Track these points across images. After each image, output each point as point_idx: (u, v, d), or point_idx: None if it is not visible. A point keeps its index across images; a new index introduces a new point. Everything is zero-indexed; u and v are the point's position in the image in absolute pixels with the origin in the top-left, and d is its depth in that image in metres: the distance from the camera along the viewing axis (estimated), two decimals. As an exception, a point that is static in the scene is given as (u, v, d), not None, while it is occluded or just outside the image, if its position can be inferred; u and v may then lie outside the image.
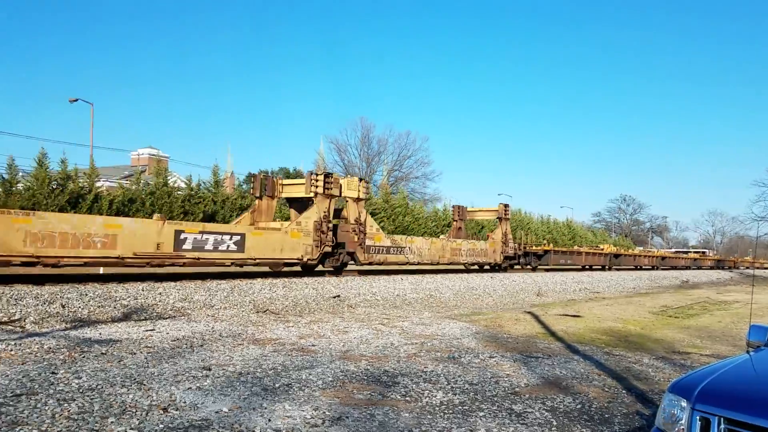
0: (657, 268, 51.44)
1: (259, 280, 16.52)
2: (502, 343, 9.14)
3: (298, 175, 63.47)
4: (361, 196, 20.79)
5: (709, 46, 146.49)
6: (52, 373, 5.81)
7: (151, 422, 4.42)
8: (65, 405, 4.72)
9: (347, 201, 20.43)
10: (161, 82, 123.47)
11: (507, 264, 30.74)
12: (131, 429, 4.24)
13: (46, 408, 4.62)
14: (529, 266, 33.63)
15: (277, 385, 5.76)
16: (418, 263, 23.38)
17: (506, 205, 30.90)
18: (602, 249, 45.45)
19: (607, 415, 5.30)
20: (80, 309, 10.39)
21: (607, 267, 42.90)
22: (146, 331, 8.79)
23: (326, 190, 18.98)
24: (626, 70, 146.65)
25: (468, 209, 32.35)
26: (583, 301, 18.68)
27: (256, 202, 20.59)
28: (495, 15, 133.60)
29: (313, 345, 8.21)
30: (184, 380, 5.79)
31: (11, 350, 6.82)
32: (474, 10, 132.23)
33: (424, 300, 16.55)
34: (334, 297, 14.96)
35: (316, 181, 18.97)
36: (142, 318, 10.36)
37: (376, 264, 21.53)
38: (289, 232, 17.96)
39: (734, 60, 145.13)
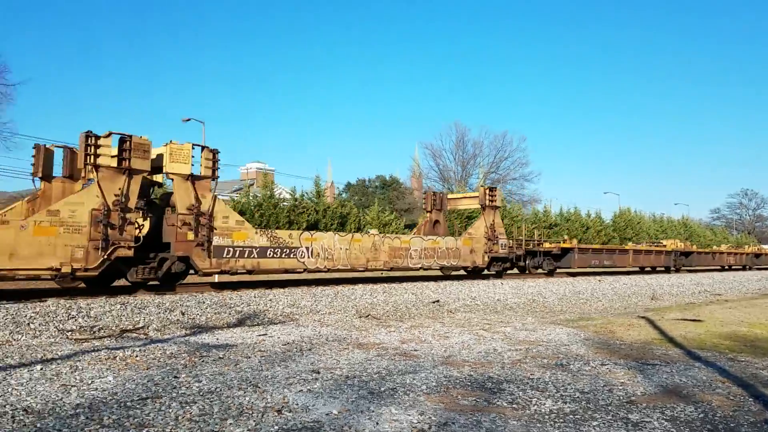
0: (749, 268, 43.03)
1: (360, 286, 16.84)
2: (615, 349, 8.74)
3: (393, 182, 64.11)
4: (204, 172, 14.45)
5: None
6: (175, 377, 6.21)
7: (267, 424, 4.61)
8: (187, 407, 5.02)
9: (173, 180, 14.13)
10: (266, 101, 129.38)
11: (500, 267, 23.50)
12: (248, 430, 4.45)
13: (170, 410, 4.93)
14: (539, 270, 25.92)
15: (382, 389, 5.84)
16: (328, 270, 17.26)
17: (491, 189, 23.33)
18: (664, 245, 36.63)
19: (732, 425, 4.93)
20: (198, 316, 11.04)
21: (673, 268, 34.83)
22: (259, 335, 9.20)
23: (123, 162, 12.90)
24: (737, 60, 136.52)
25: (449, 197, 25.55)
26: (703, 305, 17.50)
27: (42, 185, 14.56)
28: (591, 11, 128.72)
29: (415, 350, 8.25)
30: (296, 383, 6.01)
31: (137, 356, 7.35)
32: (570, 8, 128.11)
33: (527, 305, 16.15)
34: (434, 302, 14.96)
35: (95, 147, 12.62)
36: (255, 323, 10.85)
37: (240, 272, 15.37)
38: (31, 226, 11.68)
39: None
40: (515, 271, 25.29)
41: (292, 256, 16.19)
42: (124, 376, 6.20)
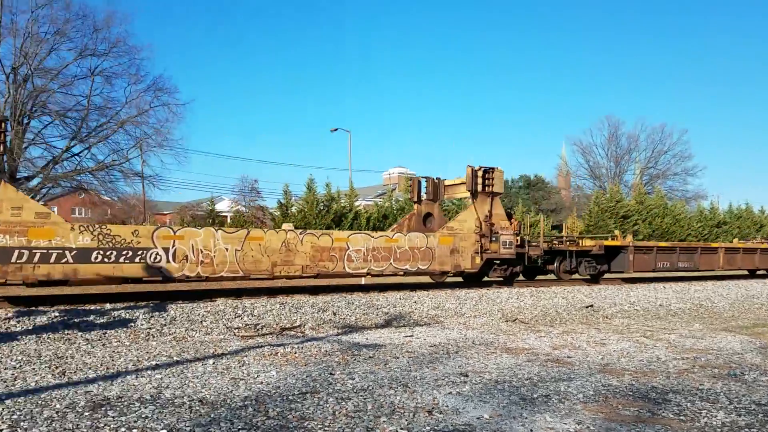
0: None
1: (506, 289, 16.51)
2: (799, 360, 7.78)
3: (538, 181, 62.34)
4: None
5: None
6: (330, 374, 6.50)
7: (419, 423, 4.67)
8: (343, 403, 5.23)
9: None
10: (408, 106, 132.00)
11: (505, 272, 18.03)
12: (401, 429, 4.53)
13: (327, 405, 5.17)
14: (576, 275, 20.00)
15: (535, 396, 5.67)
16: (206, 278, 13.23)
17: (487, 170, 17.47)
18: None
19: None
20: (348, 316, 11.48)
21: None
22: (406, 337, 9.37)
23: None
24: None
25: (446, 183, 19.56)
26: None
27: None
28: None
29: (568, 356, 7.92)
30: (444, 385, 6.03)
31: (295, 353, 7.79)
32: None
33: (692, 310, 14.87)
34: (587, 307, 14.27)
35: None
36: (401, 324, 11.06)
37: (47, 282, 11.72)
38: None
39: None
40: (551, 276, 20.26)
41: (138, 260, 12.29)
42: (286, 371, 6.60)
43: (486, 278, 18.65)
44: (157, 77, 38.12)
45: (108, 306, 11.06)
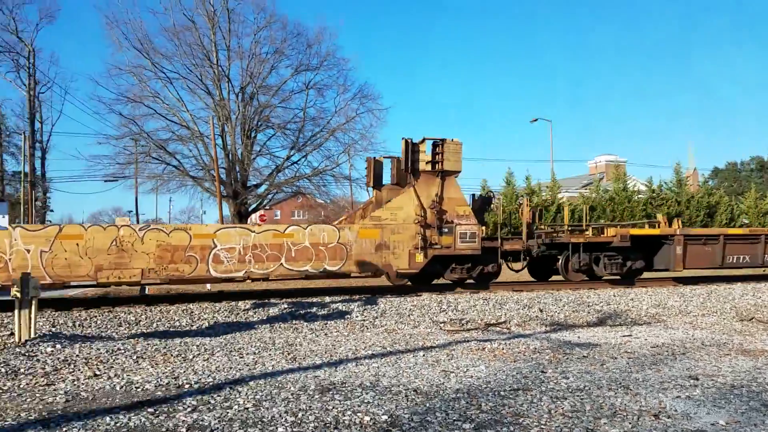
0: None
1: (739, 284, 14.69)
2: None
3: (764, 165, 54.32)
4: None
5: None
6: (542, 371, 6.32)
7: (644, 427, 4.35)
8: (558, 402, 5.05)
9: None
10: (613, 93, 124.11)
11: (470, 272, 14.14)
12: (624, 432, 4.26)
13: (542, 404, 5.03)
14: (590, 275, 15.42)
15: (782, 405, 4.96)
16: None
17: (438, 143, 13.75)
18: None
19: None
20: (556, 313, 11.10)
21: None
22: (623, 336, 8.78)
23: None
24: None
25: None
26: None
27: None
28: None
29: (825, 362, 6.80)
30: (671, 388, 5.53)
31: (503, 349, 7.72)
32: None
33: None
34: None
35: None
36: (617, 323, 10.40)
37: None
38: None
39: None
40: (565, 278, 15.57)
41: None
42: (494, 366, 6.58)
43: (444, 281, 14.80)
44: (362, 85, 40.39)
45: (327, 299, 12.03)
